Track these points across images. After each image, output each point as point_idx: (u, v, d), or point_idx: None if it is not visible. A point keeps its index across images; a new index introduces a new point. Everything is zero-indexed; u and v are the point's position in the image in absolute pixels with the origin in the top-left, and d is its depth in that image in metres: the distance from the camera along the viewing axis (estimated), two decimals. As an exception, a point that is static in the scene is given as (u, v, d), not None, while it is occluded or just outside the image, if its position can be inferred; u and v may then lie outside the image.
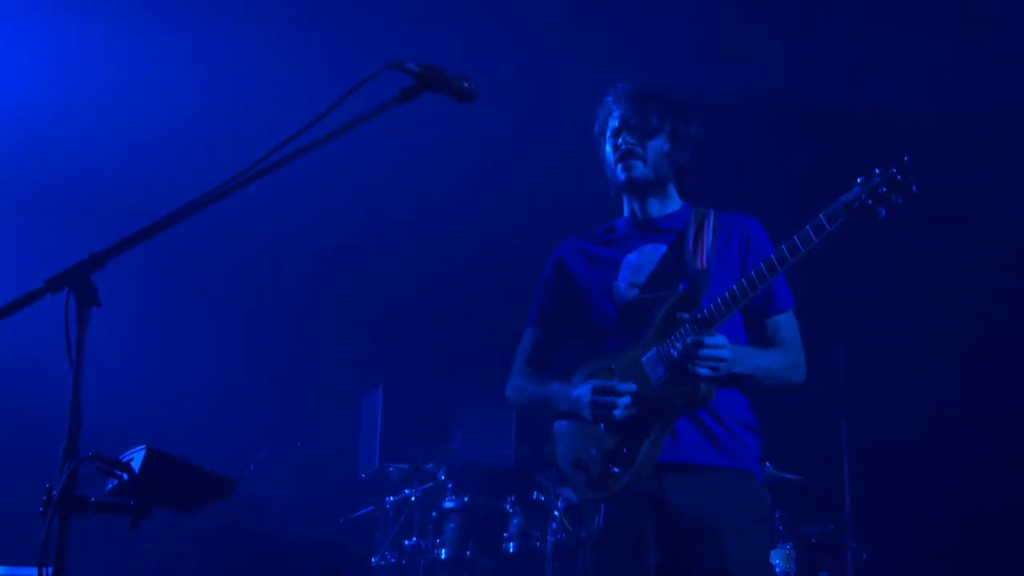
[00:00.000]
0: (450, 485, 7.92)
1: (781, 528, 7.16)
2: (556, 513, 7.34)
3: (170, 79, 8.84)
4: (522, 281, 9.89)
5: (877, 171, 3.76)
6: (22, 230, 8.68)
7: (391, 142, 8.50)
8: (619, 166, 4.17)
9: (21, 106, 8.46)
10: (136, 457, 3.47)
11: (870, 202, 3.73)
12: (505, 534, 7.57)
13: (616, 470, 3.99)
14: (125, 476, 3.44)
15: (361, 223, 9.48)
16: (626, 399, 3.94)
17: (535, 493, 7.57)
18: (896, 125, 7.69)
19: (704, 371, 3.84)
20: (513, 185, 9.15)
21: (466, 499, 7.77)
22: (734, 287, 3.85)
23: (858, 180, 3.78)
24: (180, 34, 8.47)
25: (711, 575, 3.89)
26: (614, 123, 4.22)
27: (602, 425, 4.01)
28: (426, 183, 9.19)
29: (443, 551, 7.66)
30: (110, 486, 3.50)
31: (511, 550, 7.53)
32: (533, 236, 10.18)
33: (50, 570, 3.10)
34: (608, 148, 4.23)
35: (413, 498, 8.01)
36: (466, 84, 3.44)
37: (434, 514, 7.84)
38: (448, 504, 7.79)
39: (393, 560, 7.93)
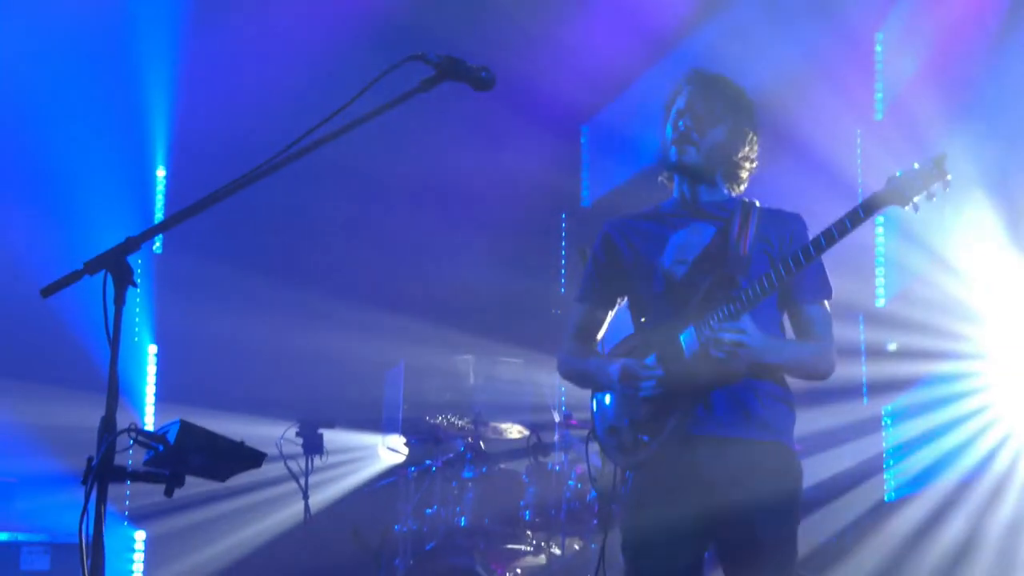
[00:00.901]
0: (469, 456, 7.93)
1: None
2: (571, 481, 7.36)
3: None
4: (532, 260, 10.00)
5: (914, 166, 3.74)
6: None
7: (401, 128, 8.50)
8: (673, 148, 4.14)
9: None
10: (171, 429, 3.48)
11: (906, 195, 3.72)
12: (521, 502, 7.58)
13: (645, 439, 4.01)
14: (161, 447, 3.46)
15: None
16: (651, 382, 3.96)
17: (550, 463, 7.57)
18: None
19: (722, 355, 3.83)
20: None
21: (484, 469, 7.78)
22: (770, 271, 3.85)
23: (897, 173, 3.76)
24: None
25: (743, 545, 3.92)
26: (680, 104, 4.17)
27: (636, 397, 4.02)
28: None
29: (462, 519, 7.67)
30: (146, 457, 3.51)
31: (527, 517, 7.54)
32: (542, 219, 10.30)
33: (90, 535, 3.12)
34: (669, 127, 4.19)
35: (434, 468, 8.02)
36: (483, 74, 3.45)
37: (454, 483, 7.85)
38: (467, 474, 7.80)
39: (415, 527, 7.94)
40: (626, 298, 4.31)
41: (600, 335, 4.38)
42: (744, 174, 4.21)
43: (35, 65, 8.52)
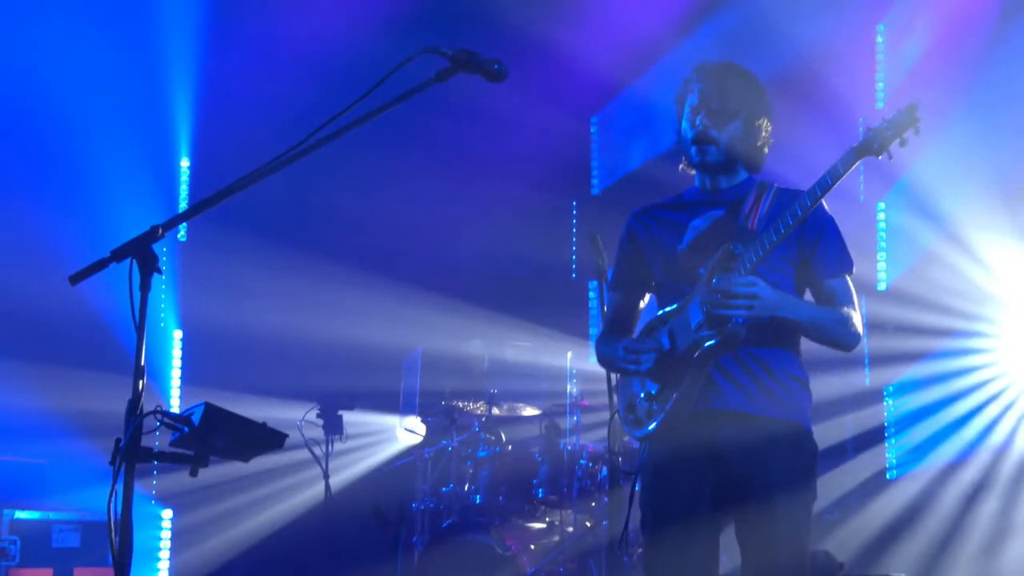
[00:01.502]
0: (483, 436, 7.94)
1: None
2: (584, 459, 7.36)
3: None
4: (544, 247, 10.00)
5: (883, 119, 3.77)
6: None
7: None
8: (694, 148, 4.12)
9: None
10: (196, 411, 3.50)
11: (876, 146, 3.74)
12: (535, 480, 7.58)
13: (655, 407, 4.02)
14: (186, 429, 3.47)
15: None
16: (651, 355, 3.97)
17: (562, 443, 7.58)
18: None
19: (739, 311, 3.81)
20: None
21: (498, 449, 7.79)
22: (770, 230, 3.84)
23: (871, 125, 3.78)
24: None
25: (759, 521, 3.91)
26: (693, 100, 4.14)
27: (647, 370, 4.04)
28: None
29: (477, 497, 7.68)
30: (172, 438, 3.52)
31: (540, 495, 7.54)
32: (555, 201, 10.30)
33: (118, 514, 3.13)
34: (685, 124, 4.16)
35: (450, 448, 8.02)
36: (496, 66, 3.45)
37: (469, 463, 7.86)
38: (482, 453, 7.81)
39: (432, 505, 7.96)
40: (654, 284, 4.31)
41: (635, 318, 4.37)
42: (762, 158, 4.20)
43: (64, 61, 8.53)
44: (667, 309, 4.11)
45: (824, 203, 3.99)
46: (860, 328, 4.04)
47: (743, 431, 3.92)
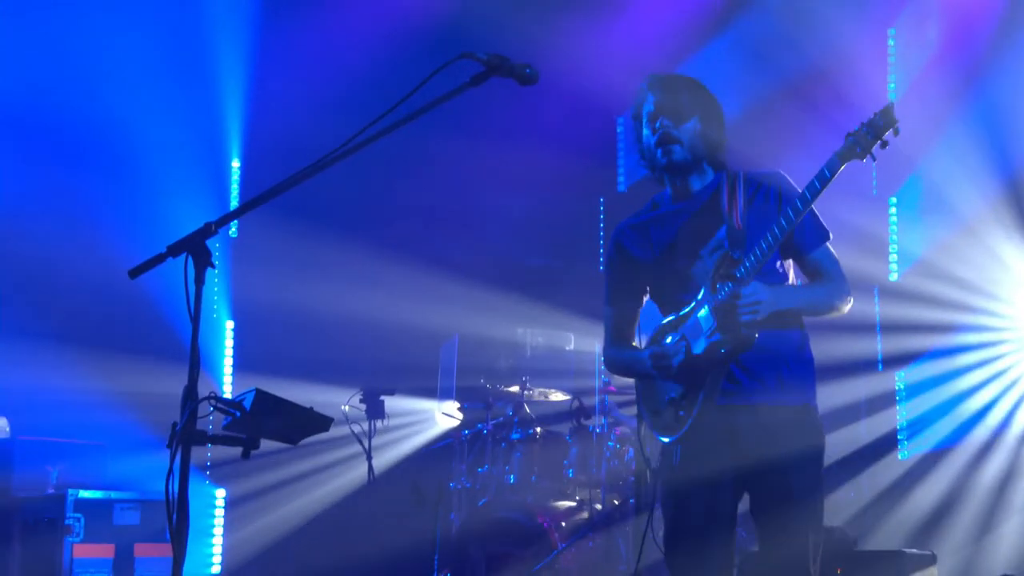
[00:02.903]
0: (517, 420, 7.93)
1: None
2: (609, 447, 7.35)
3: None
4: (573, 241, 10.00)
5: (860, 123, 3.77)
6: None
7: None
8: (659, 150, 4.09)
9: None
10: (247, 397, 3.50)
11: (858, 150, 3.74)
12: (565, 461, 7.57)
13: (681, 414, 4.02)
14: (238, 413, 3.48)
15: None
16: (680, 355, 3.97)
17: (591, 426, 7.56)
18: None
19: (747, 317, 3.83)
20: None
21: (531, 431, 7.78)
22: (768, 235, 3.83)
23: (853, 129, 3.77)
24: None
25: (777, 502, 3.92)
26: (649, 108, 4.14)
27: (669, 379, 4.05)
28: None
29: (511, 476, 7.67)
30: (225, 422, 3.53)
31: (570, 475, 7.54)
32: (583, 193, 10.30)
33: (175, 493, 3.14)
34: (647, 131, 4.14)
35: (485, 431, 8.02)
36: (527, 70, 3.44)
37: (503, 445, 7.85)
38: (515, 436, 7.80)
39: (468, 485, 7.96)
40: (648, 291, 4.30)
41: (635, 327, 4.37)
42: (723, 152, 4.18)
43: (120, 66, 8.56)
44: (673, 316, 4.11)
45: (793, 183, 4.05)
46: (847, 289, 4.07)
47: (758, 420, 3.93)
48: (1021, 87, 7.53)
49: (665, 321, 4.14)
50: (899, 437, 8.25)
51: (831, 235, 4.10)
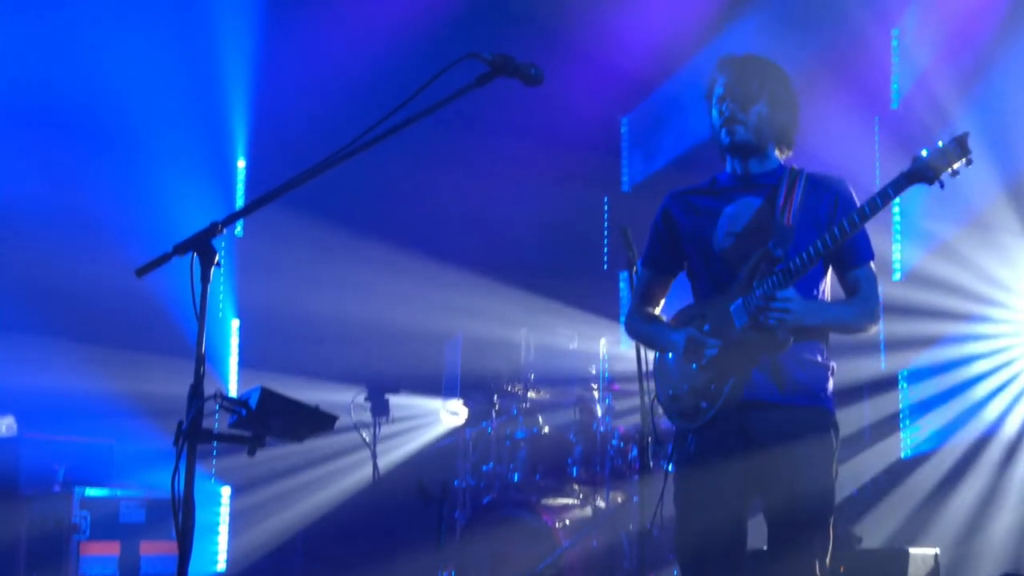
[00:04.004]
0: (521, 418, 7.93)
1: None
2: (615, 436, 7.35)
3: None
4: (578, 240, 10.00)
5: (938, 145, 3.74)
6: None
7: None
8: (723, 130, 4.09)
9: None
10: (252, 395, 3.51)
11: (930, 174, 3.73)
12: (569, 460, 7.57)
13: (704, 405, 4.00)
14: (243, 412, 3.48)
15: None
16: (713, 351, 3.96)
17: (595, 424, 7.56)
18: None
19: (772, 322, 3.83)
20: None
21: (535, 430, 7.77)
22: (817, 242, 3.84)
23: (923, 153, 3.75)
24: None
25: (787, 501, 3.91)
26: (719, 90, 4.13)
27: (694, 365, 4.02)
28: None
29: (515, 475, 7.67)
30: (231, 420, 3.53)
31: (574, 474, 7.53)
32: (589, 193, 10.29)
33: (181, 491, 3.14)
34: (715, 113, 4.14)
35: (489, 429, 8.01)
36: (532, 71, 3.44)
37: (508, 443, 7.84)
38: (520, 434, 7.80)
39: (473, 483, 7.95)
40: (685, 265, 4.29)
41: (662, 299, 4.37)
42: (793, 137, 4.17)
43: (126, 66, 8.56)
44: (705, 302, 4.10)
45: (855, 195, 4.02)
46: (879, 310, 4.06)
47: (772, 418, 3.93)
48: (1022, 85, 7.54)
49: (697, 305, 4.14)
50: (902, 435, 8.25)
51: (875, 257, 4.10)
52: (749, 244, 4.00)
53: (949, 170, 3.72)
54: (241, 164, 9.59)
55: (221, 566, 8.90)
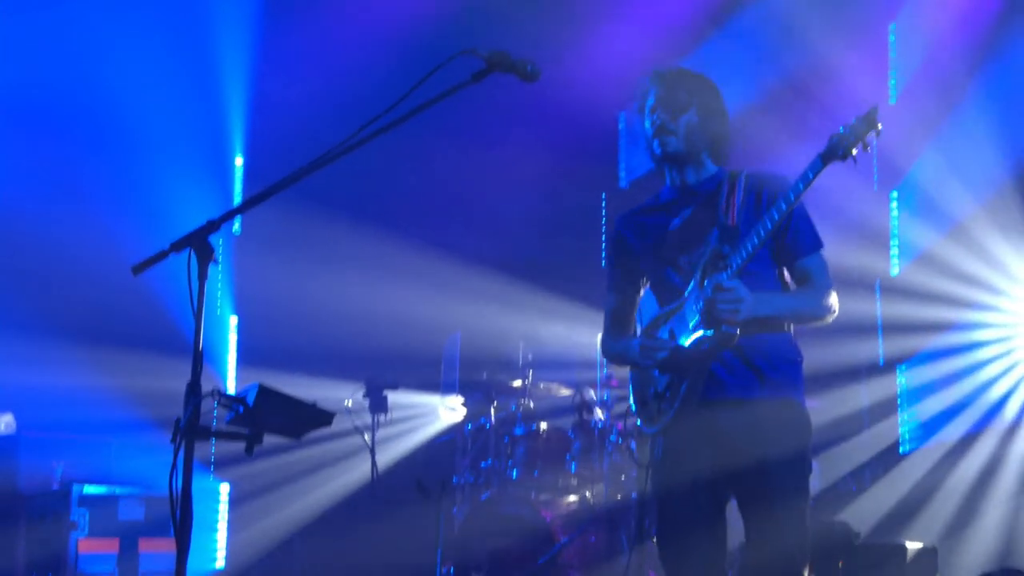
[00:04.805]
0: (520, 414, 7.94)
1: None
2: (612, 439, 7.35)
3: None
4: (577, 236, 10.00)
5: (843, 125, 3.76)
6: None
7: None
8: (655, 141, 4.14)
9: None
10: (250, 392, 3.51)
11: (840, 152, 3.73)
12: (567, 456, 7.57)
13: (664, 407, 4.03)
14: (241, 409, 3.48)
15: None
16: (663, 353, 3.98)
17: (593, 420, 7.57)
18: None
19: (725, 314, 3.82)
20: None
21: (533, 426, 7.78)
22: (754, 233, 3.85)
23: (839, 130, 3.76)
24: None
25: (758, 495, 3.91)
26: (650, 101, 4.18)
27: (655, 370, 4.05)
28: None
29: (514, 471, 7.68)
30: (228, 418, 3.53)
31: (573, 470, 7.54)
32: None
33: (179, 488, 3.14)
34: (647, 123, 4.18)
35: (488, 426, 8.02)
36: (529, 67, 3.44)
37: (506, 439, 7.85)
38: (518, 431, 7.80)
39: (471, 479, 7.96)
40: (646, 282, 4.32)
41: (634, 315, 4.38)
42: (726, 146, 4.20)
43: (124, 64, 8.57)
44: (666, 308, 4.12)
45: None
46: (834, 299, 4.04)
47: (741, 415, 3.92)
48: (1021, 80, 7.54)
49: (659, 313, 4.16)
50: (900, 430, 8.25)
51: (824, 245, 4.10)
52: (699, 251, 4.02)
53: (860, 143, 3.73)
54: (239, 161, 9.60)
55: (220, 563, 8.90)
